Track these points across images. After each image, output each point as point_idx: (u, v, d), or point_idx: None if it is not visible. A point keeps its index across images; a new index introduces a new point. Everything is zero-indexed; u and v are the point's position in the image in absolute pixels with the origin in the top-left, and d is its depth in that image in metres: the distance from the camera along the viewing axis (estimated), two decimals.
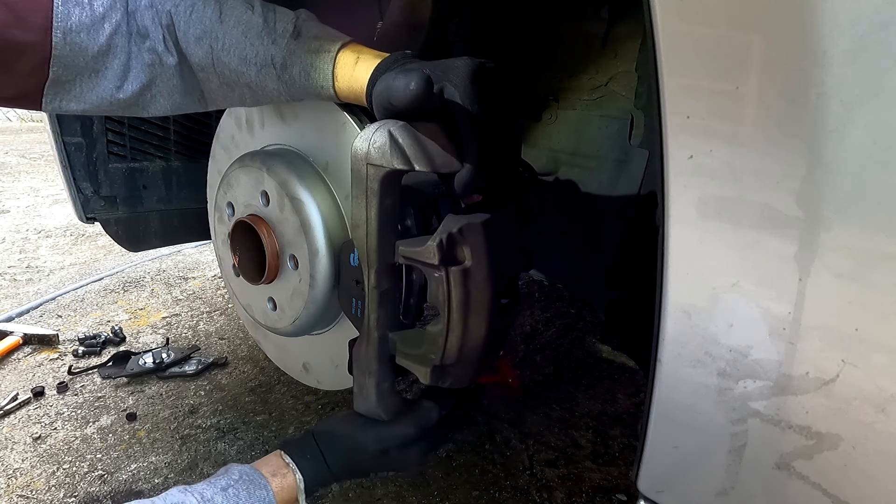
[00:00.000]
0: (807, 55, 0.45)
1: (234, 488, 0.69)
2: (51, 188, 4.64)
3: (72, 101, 0.74)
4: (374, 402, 0.82)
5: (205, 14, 0.76)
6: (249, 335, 1.94)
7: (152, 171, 1.62)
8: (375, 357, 0.80)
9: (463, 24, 1.09)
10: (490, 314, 0.73)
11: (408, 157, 0.64)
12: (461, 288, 0.68)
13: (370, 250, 0.72)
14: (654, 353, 0.62)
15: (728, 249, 0.54)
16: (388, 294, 0.78)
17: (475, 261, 0.68)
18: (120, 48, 0.73)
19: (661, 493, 0.69)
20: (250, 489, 0.71)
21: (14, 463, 1.58)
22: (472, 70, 0.66)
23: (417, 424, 0.82)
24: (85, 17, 0.70)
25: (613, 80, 1.03)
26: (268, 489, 0.72)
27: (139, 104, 0.79)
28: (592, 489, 1.51)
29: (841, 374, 0.51)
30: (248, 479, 0.72)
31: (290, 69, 0.75)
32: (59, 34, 0.68)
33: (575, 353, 2.23)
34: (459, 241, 0.67)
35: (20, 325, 2.29)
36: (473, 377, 0.81)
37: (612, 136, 1.05)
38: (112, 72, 0.74)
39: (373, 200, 0.69)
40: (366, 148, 0.67)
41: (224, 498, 0.68)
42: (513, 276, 0.82)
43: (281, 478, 0.75)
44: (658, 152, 0.55)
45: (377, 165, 0.66)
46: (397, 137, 0.65)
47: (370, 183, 0.69)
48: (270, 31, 0.75)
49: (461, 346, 0.73)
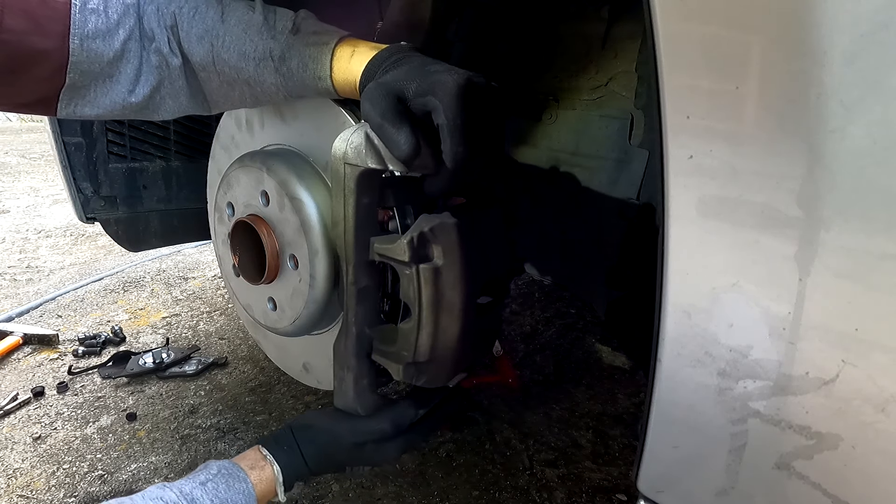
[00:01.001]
0: (807, 55, 0.45)
1: (212, 482, 0.71)
2: (51, 188, 4.64)
3: (86, 106, 0.76)
4: (352, 397, 0.84)
5: (207, 14, 0.77)
6: (249, 335, 1.94)
7: (152, 171, 1.62)
8: (353, 353, 0.82)
9: (463, 24, 1.09)
10: (463, 313, 0.74)
11: (382, 158, 0.67)
12: (431, 286, 0.70)
13: (348, 247, 0.75)
14: (654, 353, 0.62)
15: (728, 249, 0.54)
16: (366, 291, 0.79)
17: (446, 260, 0.69)
18: (133, 53, 0.75)
19: (661, 493, 0.69)
20: (229, 482, 0.72)
21: (14, 463, 1.58)
22: (458, 87, 0.63)
23: (393, 421, 0.83)
24: (101, 23, 0.71)
25: (613, 80, 1.03)
26: (247, 481, 0.74)
27: (149, 107, 0.81)
28: (592, 489, 1.52)
29: (841, 374, 0.51)
30: (226, 473, 0.73)
31: (288, 62, 0.76)
32: (77, 41, 0.70)
33: (575, 353, 2.23)
34: (431, 239, 0.69)
35: (20, 325, 2.29)
36: (450, 376, 0.83)
37: (612, 136, 1.05)
38: (125, 76, 0.76)
39: (350, 198, 0.71)
40: (343, 148, 0.69)
41: (203, 492, 0.69)
42: (495, 276, 0.83)
43: (259, 470, 0.77)
44: (658, 152, 0.55)
45: (353, 165, 0.69)
46: (373, 139, 0.67)
47: (347, 181, 0.71)
48: (270, 28, 0.76)
49: (433, 343, 0.75)
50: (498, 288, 0.87)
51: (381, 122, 0.66)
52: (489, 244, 0.79)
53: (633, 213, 1.02)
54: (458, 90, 0.63)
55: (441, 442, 1.70)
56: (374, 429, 0.83)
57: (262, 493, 0.75)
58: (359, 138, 0.68)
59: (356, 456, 0.83)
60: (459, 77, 0.64)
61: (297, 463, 0.80)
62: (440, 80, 0.64)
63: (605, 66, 1.04)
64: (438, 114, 0.64)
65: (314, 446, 0.82)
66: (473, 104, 0.65)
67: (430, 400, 0.87)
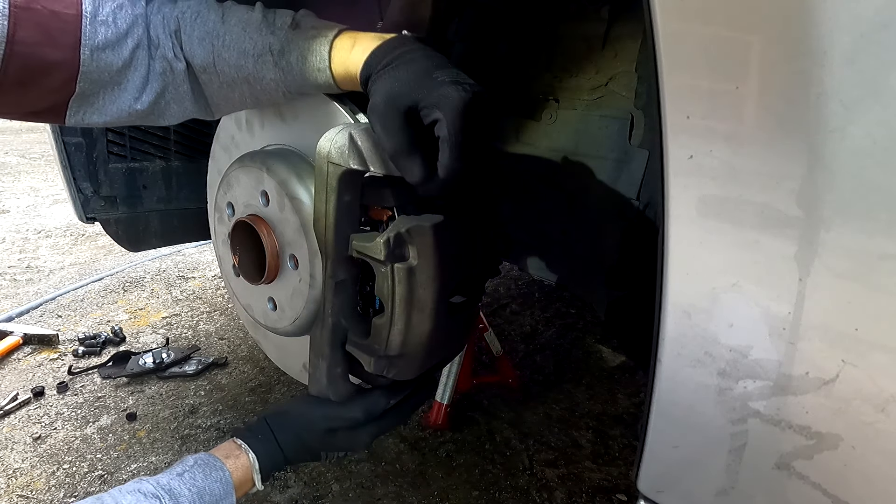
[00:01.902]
0: (807, 55, 0.45)
1: (189, 472, 0.72)
2: (51, 188, 4.64)
3: (94, 114, 0.78)
4: (325, 384, 0.87)
5: (208, 17, 0.79)
6: (249, 335, 1.94)
7: (152, 171, 1.62)
8: (328, 342, 0.85)
9: (463, 24, 1.09)
10: (435, 311, 0.77)
11: (364, 159, 0.70)
12: (405, 284, 0.72)
13: (328, 243, 0.77)
14: (654, 353, 0.62)
15: (728, 249, 0.54)
16: (343, 284, 0.82)
17: (421, 260, 0.72)
18: (140, 61, 0.77)
19: (661, 493, 0.69)
20: (206, 471, 0.74)
21: (14, 463, 1.58)
22: (463, 104, 0.65)
23: (365, 409, 0.86)
24: (111, 34, 0.73)
25: (613, 80, 1.03)
26: (223, 470, 0.75)
27: (155, 113, 0.82)
28: (592, 489, 1.52)
29: (841, 374, 0.51)
30: (203, 463, 0.74)
31: (287, 56, 0.77)
32: (87, 51, 0.72)
33: (575, 353, 2.23)
34: (407, 240, 0.72)
35: (20, 325, 2.29)
36: (420, 370, 0.86)
37: (612, 136, 1.05)
38: (132, 84, 0.77)
39: (331, 196, 0.74)
40: (328, 148, 0.72)
41: (180, 482, 0.70)
42: (469, 277, 0.86)
43: (234, 459, 0.78)
44: (658, 152, 0.55)
45: (336, 164, 0.71)
46: (356, 140, 0.70)
47: (329, 180, 0.73)
48: (269, 25, 0.78)
49: (403, 339, 0.78)
50: (472, 288, 0.90)
51: (395, 152, 0.68)
52: (465, 245, 0.82)
53: (633, 213, 1.02)
54: (462, 108, 0.65)
55: (441, 442, 1.70)
56: (347, 416, 0.85)
57: (239, 481, 0.77)
58: (343, 139, 0.70)
59: (328, 442, 0.86)
60: (465, 94, 0.65)
61: (273, 450, 0.82)
62: (446, 95, 0.65)
63: (605, 66, 1.04)
64: (441, 127, 0.65)
65: (288, 432, 0.84)
66: (474, 118, 0.66)
67: (402, 390, 0.90)
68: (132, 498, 0.66)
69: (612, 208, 1.06)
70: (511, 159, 1.21)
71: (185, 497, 0.69)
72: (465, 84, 0.66)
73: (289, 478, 1.55)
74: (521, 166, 1.20)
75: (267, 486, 1.52)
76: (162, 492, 0.68)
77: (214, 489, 0.72)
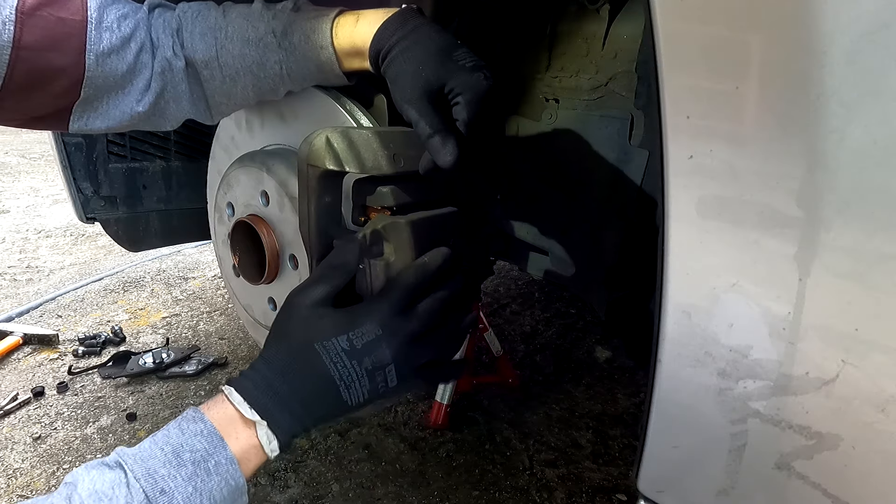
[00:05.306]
0: (807, 55, 0.45)
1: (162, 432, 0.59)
2: (51, 188, 4.64)
3: (97, 119, 0.78)
4: None
5: (210, 14, 0.80)
6: (249, 335, 1.93)
7: (152, 171, 1.63)
8: None
9: (463, 24, 1.09)
10: None
11: (340, 160, 0.72)
12: (382, 280, 0.74)
13: (312, 243, 0.78)
14: (655, 354, 0.62)
15: (728, 249, 0.54)
16: None
17: (398, 256, 0.73)
18: (143, 64, 0.78)
19: (661, 493, 0.69)
20: (182, 424, 0.60)
21: (14, 463, 1.58)
22: (486, 90, 0.67)
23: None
24: (115, 39, 0.74)
25: (613, 80, 1.03)
26: (204, 420, 0.60)
27: (156, 114, 0.83)
28: (592, 489, 1.52)
29: (841, 374, 0.51)
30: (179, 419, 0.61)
31: (290, 36, 0.78)
32: (92, 57, 0.72)
33: (575, 353, 2.23)
34: (383, 236, 0.74)
35: (20, 325, 2.29)
36: None
37: (612, 136, 1.05)
38: (135, 88, 0.78)
39: (312, 197, 0.75)
40: (306, 150, 0.73)
41: (152, 442, 0.58)
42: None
43: (214, 403, 0.63)
44: (658, 152, 0.55)
45: (314, 166, 0.73)
46: (333, 142, 0.72)
47: (309, 181, 0.75)
48: (270, 9, 0.79)
49: None
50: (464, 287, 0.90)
51: (434, 133, 0.69)
52: (450, 243, 0.82)
53: (633, 213, 1.02)
54: (485, 94, 0.67)
55: (441, 442, 1.70)
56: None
57: (219, 420, 0.60)
58: (320, 142, 0.72)
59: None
60: (488, 83, 0.68)
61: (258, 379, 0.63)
62: (470, 82, 0.68)
63: (605, 66, 1.04)
64: (461, 111, 0.68)
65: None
66: (487, 107, 0.69)
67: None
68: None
69: (612, 208, 1.06)
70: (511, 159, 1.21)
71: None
72: (485, 71, 0.69)
73: (289, 478, 1.55)
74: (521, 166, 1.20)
75: (267, 486, 1.52)
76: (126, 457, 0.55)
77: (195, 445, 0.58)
